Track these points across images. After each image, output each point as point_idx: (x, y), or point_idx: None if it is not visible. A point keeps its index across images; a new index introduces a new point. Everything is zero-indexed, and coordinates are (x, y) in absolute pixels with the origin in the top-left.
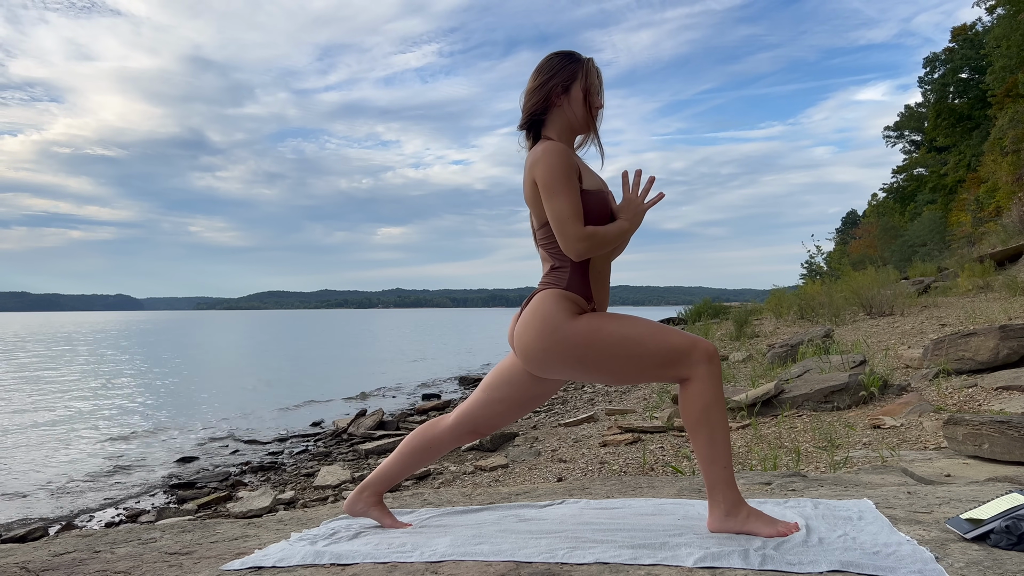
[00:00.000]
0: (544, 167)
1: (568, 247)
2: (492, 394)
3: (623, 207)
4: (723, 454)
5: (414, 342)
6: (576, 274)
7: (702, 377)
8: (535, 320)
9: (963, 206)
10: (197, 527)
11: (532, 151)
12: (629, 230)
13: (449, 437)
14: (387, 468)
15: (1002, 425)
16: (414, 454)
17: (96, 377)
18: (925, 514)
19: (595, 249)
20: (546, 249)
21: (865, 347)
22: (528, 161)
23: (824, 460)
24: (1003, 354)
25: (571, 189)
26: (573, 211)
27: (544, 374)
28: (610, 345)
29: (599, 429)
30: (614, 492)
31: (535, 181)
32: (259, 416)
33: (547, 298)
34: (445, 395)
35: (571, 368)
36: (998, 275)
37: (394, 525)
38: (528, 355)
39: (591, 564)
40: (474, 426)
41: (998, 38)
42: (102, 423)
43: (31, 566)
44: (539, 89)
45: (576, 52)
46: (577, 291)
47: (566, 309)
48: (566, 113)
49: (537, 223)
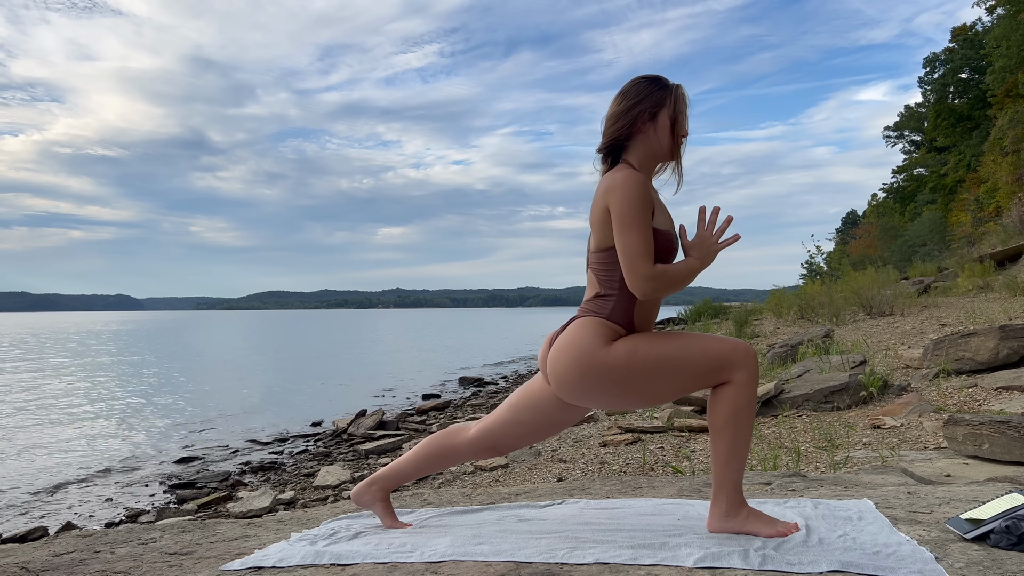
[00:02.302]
0: (622, 197)
1: (635, 285)
2: (517, 415)
3: (695, 244)
4: (740, 457)
5: (414, 342)
6: (621, 306)
7: (741, 381)
8: (571, 348)
9: (963, 206)
10: (197, 527)
11: (610, 175)
12: (698, 269)
13: (467, 450)
14: (399, 467)
15: (1002, 425)
16: (429, 459)
17: (96, 377)
18: (925, 514)
19: (662, 289)
20: (597, 275)
21: (865, 347)
22: (604, 185)
23: (824, 460)
24: (1003, 354)
25: (645, 225)
26: (645, 248)
27: (578, 402)
28: (650, 365)
29: (599, 429)
30: (614, 492)
31: (607, 208)
32: (259, 416)
33: (585, 326)
34: (445, 395)
35: (609, 395)
36: (998, 275)
37: (394, 525)
38: (562, 383)
39: (591, 564)
40: (494, 444)
41: (998, 38)
42: (102, 423)
43: (31, 566)
44: (624, 114)
45: (664, 77)
46: (618, 322)
47: (603, 336)
48: (650, 140)
49: (595, 247)
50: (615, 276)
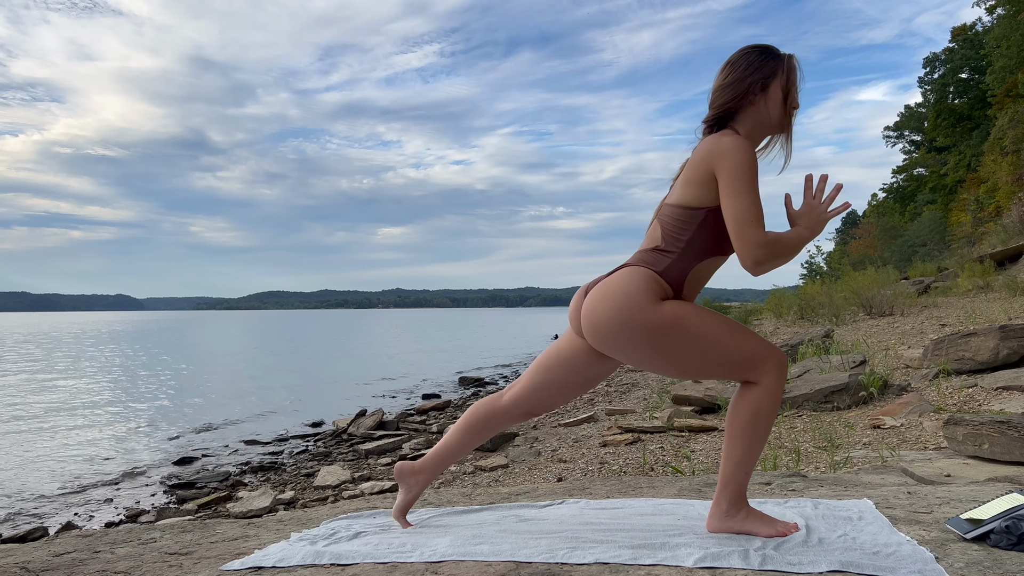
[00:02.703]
0: (734, 161)
1: (745, 252)
2: (546, 376)
3: (803, 213)
4: (751, 461)
5: (414, 342)
6: (678, 266)
7: (768, 387)
8: (617, 293)
9: (963, 206)
10: (197, 527)
11: (715, 138)
12: (807, 239)
13: (505, 417)
14: (445, 447)
15: (1002, 425)
16: (471, 432)
17: (96, 377)
18: (925, 514)
19: (772, 258)
20: (664, 228)
21: (865, 347)
22: (708, 146)
23: (824, 460)
24: (1003, 354)
25: (756, 190)
26: (757, 214)
27: (610, 352)
28: (691, 336)
29: (599, 429)
30: (614, 492)
31: (712, 171)
32: (259, 416)
33: (636, 274)
34: (445, 395)
35: (641, 351)
36: (998, 275)
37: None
38: (598, 329)
39: (591, 564)
40: (529, 408)
41: (998, 38)
42: (102, 423)
43: (31, 566)
44: (734, 85)
45: (775, 47)
46: (670, 281)
47: (653, 291)
48: (760, 112)
49: (676, 201)
50: (684, 236)
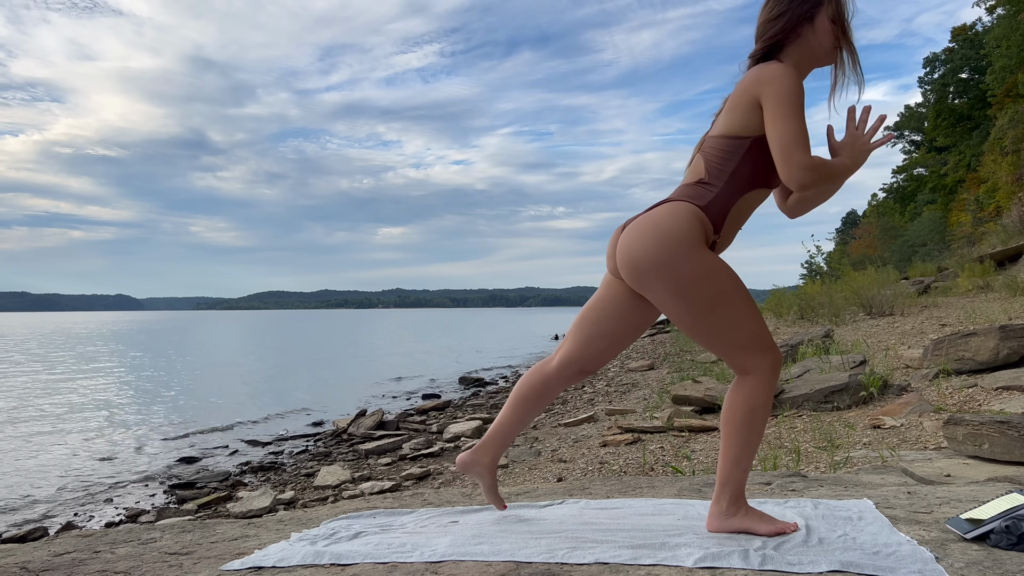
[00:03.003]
0: (780, 87)
1: (791, 174)
2: (592, 330)
3: (845, 144)
4: (748, 459)
5: (414, 342)
6: (721, 200)
7: (762, 381)
8: (660, 227)
9: (963, 206)
10: (197, 527)
11: (762, 67)
12: (851, 169)
13: (557, 380)
14: (502, 423)
15: (1002, 425)
16: (525, 403)
17: (96, 377)
18: (925, 514)
19: (819, 182)
20: (708, 160)
21: (865, 347)
22: (753, 75)
23: (824, 460)
24: (1003, 354)
25: (803, 115)
26: (803, 138)
27: (641, 288)
28: (717, 295)
29: (599, 429)
30: (614, 492)
31: (758, 98)
32: (259, 416)
33: (681, 210)
34: (445, 395)
35: (667, 293)
36: (998, 275)
37: (496, 502)
38: (634, 263)
39: (591, 564)
40: (581, 366)
41: (998, 38)
42: (102, 423)
43: (31, 566)
44: (780, 18)
45: None
46: (711, 216)
47: (697, 231)
48: (809, 43)
49: (720, 132)
50: (728, 167)
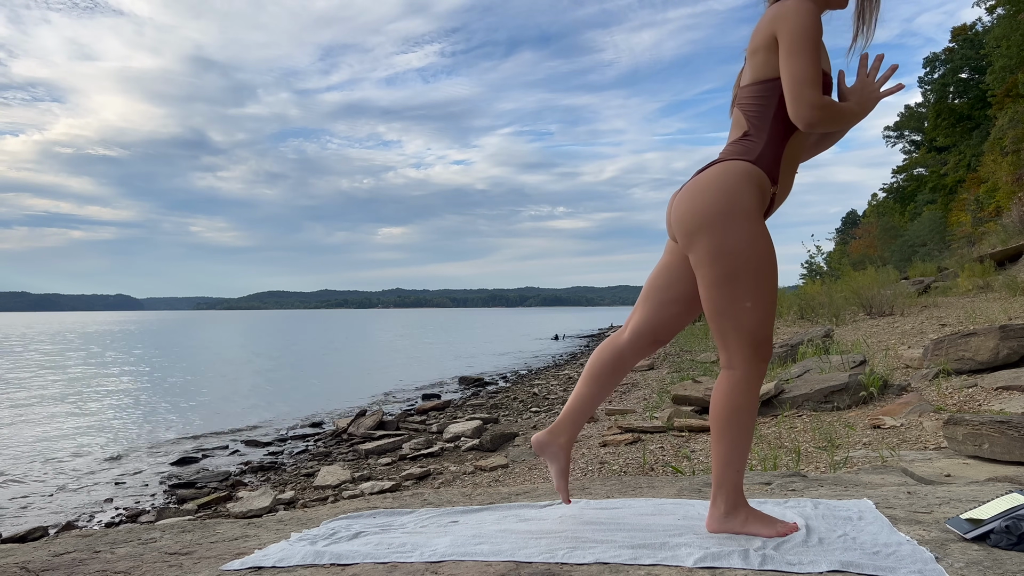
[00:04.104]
0: (794, 23)
1: (800, 112)
2: (662, 296)
3: (855, 90)
4: (740, 458)
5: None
6: (769, 148)
7: (744, 378)
8: (711, 188)
9: (963, 206)
10: (197, 527)
11: (780, 4)
12: (858, 115)
13: (631, 352)
14: (577, 401)
15: (1002, 425)
16: (600, 378)
17: (95, 377)
18: (925, 514)
19: (827, 121)
20: (746, 112)
21: (865, 347)
22: (771, 13)
23: (824, 460)
24: (1003, 354)
25: (816, 53)
26: (815, 76)
27: (686, 247)
28: (749, 266)
29: (599, 429)
30: (614, 492)
31: (775, 35)
32: (259, 416)
33: (735, 170)
34: (445, 395)
35: (705, 252)
36: (998, 275)
37: (564, 487)
38: (684, 221)
39: (591, 564)
40: (655, 335)
41: (998, 38)
42: (102, 423)
43: (31, 566)
44: None
45: None
46: (765, 167)
47: (753, 195)
48: None
49: (750, 79)
50: (768, 113)
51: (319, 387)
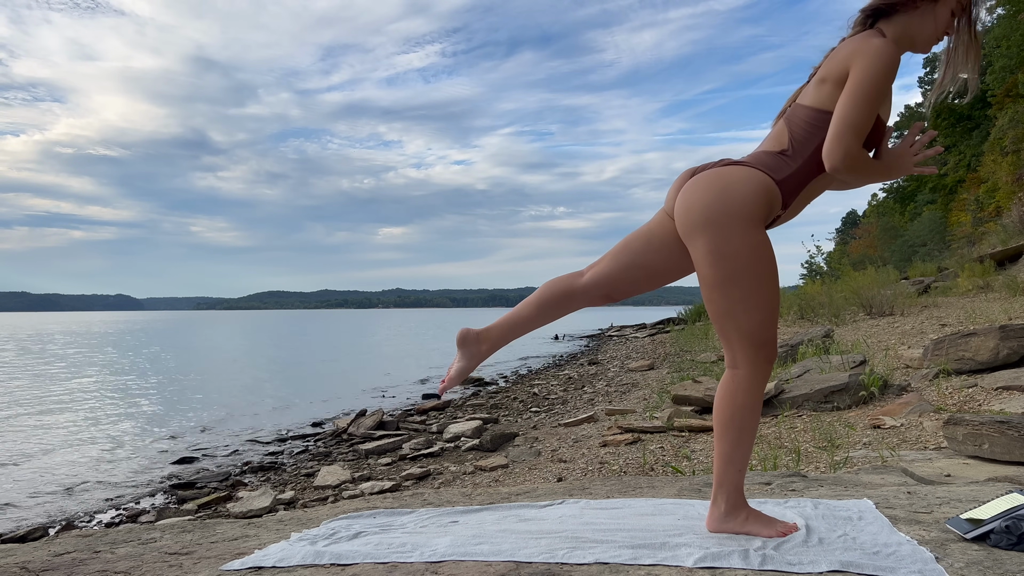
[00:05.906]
0: (870, 66)
1: (833, 153)
2: (631, 259)
3: (892, 153)
4: (742, 458)
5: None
6: (798, 175)
7: (749, 378)
8: (726, 187)
9: (963, 206)
10: (197, 527)
11: (865, 37)
12: (883, 177)
13: (582, 297)
14: (514, 316)
15: (1002, 425)
16: (545, 306)
17: (95, 377)
18: (925, 514)
19: (852, 172)
20: (793, 131)
21: (865, 347)
22: (853, 45)
23: (824, 460)
24: (1003, 354)
25: (877, 104)
26: (865, 125)
27: (685, 236)
28: (750, 273)
29: (599, 429)
30: (614, 492)
31: (849, 70)
32: (259, 416)
33: (754, 179)
34: (445, 395)
35: (706, 251)
36: (998, 275)
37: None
38: (688, 210)
39: (591, 564)
40: (609, 290)
41: (998, 38)
42: (102, 423)
43: (31, 566)
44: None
45: None
46: (785, 191)
47: (760, 205)
48: (918, 23)
49: (811, 101)
50: (813, 142)
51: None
